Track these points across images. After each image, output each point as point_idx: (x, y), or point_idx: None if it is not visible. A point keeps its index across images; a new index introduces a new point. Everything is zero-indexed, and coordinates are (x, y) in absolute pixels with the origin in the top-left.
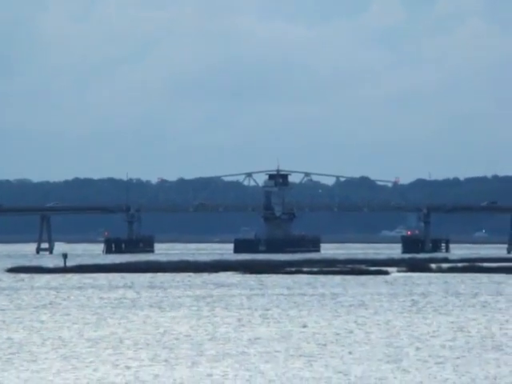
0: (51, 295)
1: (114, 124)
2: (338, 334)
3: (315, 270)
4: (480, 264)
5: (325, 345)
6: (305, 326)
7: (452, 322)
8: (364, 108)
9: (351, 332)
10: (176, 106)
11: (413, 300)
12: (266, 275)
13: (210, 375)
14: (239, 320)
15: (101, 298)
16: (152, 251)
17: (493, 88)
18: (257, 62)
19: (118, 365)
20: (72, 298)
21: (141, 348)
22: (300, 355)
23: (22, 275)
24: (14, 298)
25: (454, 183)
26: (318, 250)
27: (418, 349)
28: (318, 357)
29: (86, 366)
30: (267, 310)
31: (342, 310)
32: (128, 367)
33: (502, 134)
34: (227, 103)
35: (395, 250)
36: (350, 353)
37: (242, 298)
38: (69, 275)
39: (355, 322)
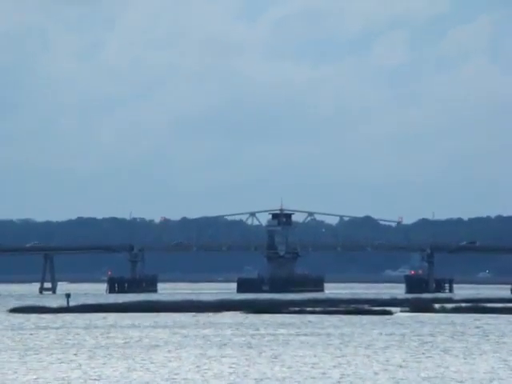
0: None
1: (116, 163)
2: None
3: (318, 309)
4: (484, 304)
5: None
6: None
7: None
8: (367, 147)
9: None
10: (179, 145)
11: (421, 340)
12: (270, 315)
13: None
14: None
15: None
16: (155, 291)
17: (496, 127)
18: (259, 101)
19: None
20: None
21: None
22: None
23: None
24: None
25: (458, 223)
26: (322, 290)
27: None
28: None
29: None
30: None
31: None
32: None
33: (506, 173)
34: (231, 143)
35: (399, 290)
36: None
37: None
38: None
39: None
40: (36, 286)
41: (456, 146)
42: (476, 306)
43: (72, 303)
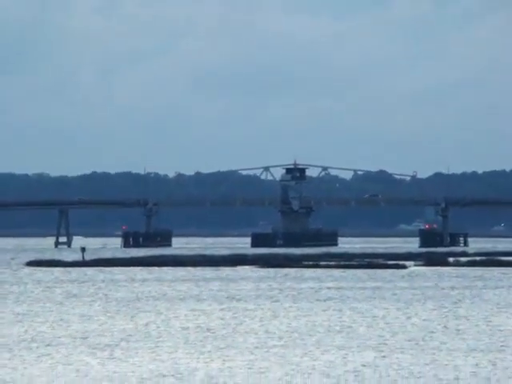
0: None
1: (132, 118)
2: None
3: (332, 263)
4: (499, 258)
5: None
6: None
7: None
8: (383, 102)
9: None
10: (195, 100)
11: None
12: (284, 269)
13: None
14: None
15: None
16: (170, 245)
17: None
18: (278, 56)
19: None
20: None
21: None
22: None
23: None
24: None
25: (473, 177)
26: (336, 244)
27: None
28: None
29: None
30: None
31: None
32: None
33: None
34: (246, 98)
35: (413, 244)
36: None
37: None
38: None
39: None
40: (51, 241)
41: (472, 100)
42: (491, 260)
43: (87, 257)
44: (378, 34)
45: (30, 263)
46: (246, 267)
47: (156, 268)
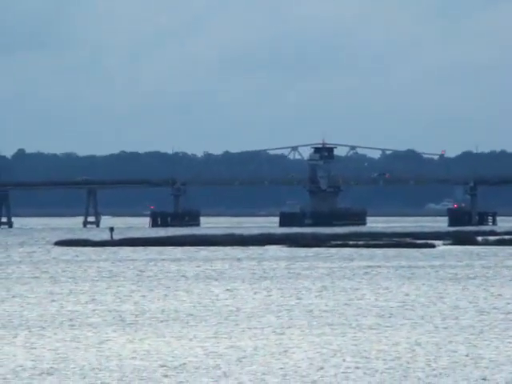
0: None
1: (161, 98)
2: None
3: (361, 243)
4: None
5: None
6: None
7: None
8: (410, 81)
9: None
10: (222, 81)
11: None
12: (314, 248)
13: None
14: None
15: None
16: (198, 225)
17: None
18: (304, 37)
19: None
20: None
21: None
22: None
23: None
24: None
25: (501, 156)
26: (364, 224)
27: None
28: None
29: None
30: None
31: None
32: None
33: None
34: (273, 78)
35: (441, 224)
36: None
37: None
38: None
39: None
40: (80, 220)
41: (501, 80)
42: None
43: (116, 237)
44: (403, 14)
45: (59, 243)
46: (274, 247)
47: (185, 247)
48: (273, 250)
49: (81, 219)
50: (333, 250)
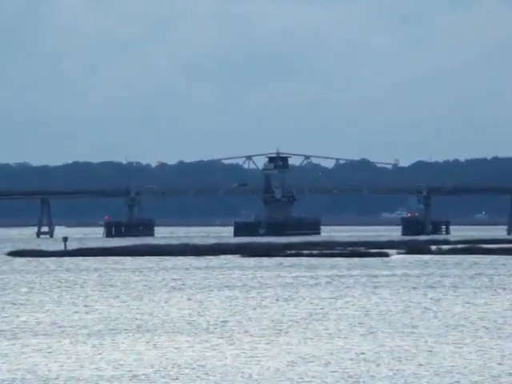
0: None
1: (115, 107)
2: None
3: (315, 252)
4: (480, 245)
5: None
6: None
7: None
8: (365, 90)
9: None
10: (177, 89)
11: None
12: (267, 258)
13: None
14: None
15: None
16: (152, 235)
17: (499, 70)
18: (263, 44)
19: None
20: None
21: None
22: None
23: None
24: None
25: (455, 165)
26: (319, 233)
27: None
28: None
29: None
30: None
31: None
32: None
33: (503, 115)
34: (228, 86)
35: (395, 233)
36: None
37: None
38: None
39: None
40: (33, 230)
41: (454, 88)
42: (472, 247)
43: (69, 247)
44: (363, 23)
45: (12, 253)
46: (229, 256)
47: (138, 258)
48: (228, 259)
49: (34, 230)
50: (292, 260)
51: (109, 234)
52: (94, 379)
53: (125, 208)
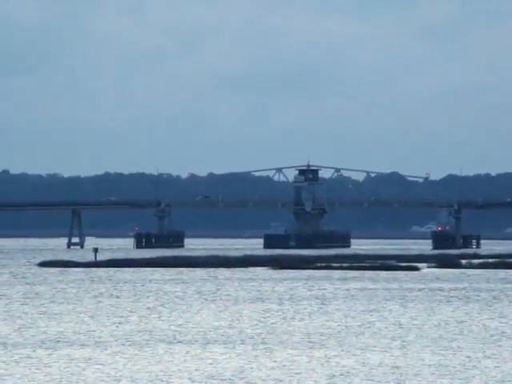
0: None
1: (146, 119)
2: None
3: (345, 265)
4: (511, 260)
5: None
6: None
7: None
8: (395, 103)
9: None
10: (209, 102)
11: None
12: (297, 270)
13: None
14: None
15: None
16: (182, 246)
17: None
18: (293, 58)
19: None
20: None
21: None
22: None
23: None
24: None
25: (486, 179)
26: (349, 246)
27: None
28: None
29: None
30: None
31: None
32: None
33: None
34: (259, 99)
35: (426, 246)
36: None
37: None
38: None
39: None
40: (64, 241)
41: (486, 102)
42: (503, 262)
43: (100, 258)
44: (391, 37)
45: (43, 263)
46: (259, 268)
47: (168, 269)
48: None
49: (65, 240)
50: (323, 272)
51: (139, 245)
52: None
53: (155, 219)
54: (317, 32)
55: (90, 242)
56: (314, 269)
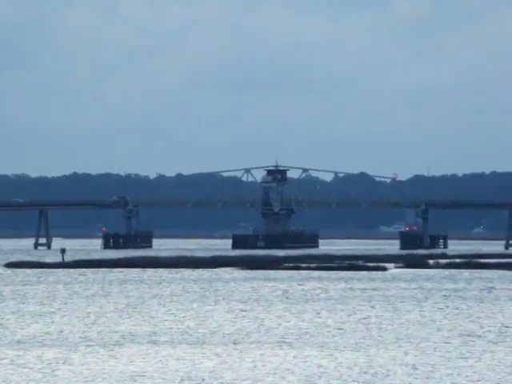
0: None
1: (115, 119)
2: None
3: (313, 265)
4: (478, 260)
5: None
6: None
7: None
8: (363, 104)
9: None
10: (177, 102)
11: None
12: (265, 271)
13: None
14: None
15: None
16: (150, 246)
17: (495, 84)
18: (265, 57)
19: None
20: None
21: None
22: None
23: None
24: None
25: (452, 179)
26: (317, 246)
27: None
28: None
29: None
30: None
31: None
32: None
33: (501, 129)
34: (227, 100)
35: (393, 246)
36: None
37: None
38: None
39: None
40: (31, 242)
41: (453, 104)
42: (470, 262)
43: (67, 258)
44: (364, 37)
45: (9, 264)
46: (227, 269)
47: (136, 269)
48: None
49: (32, 241)
50: (290, 272)
51: (107, 246)
52: None
53: (123, 220)
54: (291, 32)
55: (58, 242)
56: (282, 269)
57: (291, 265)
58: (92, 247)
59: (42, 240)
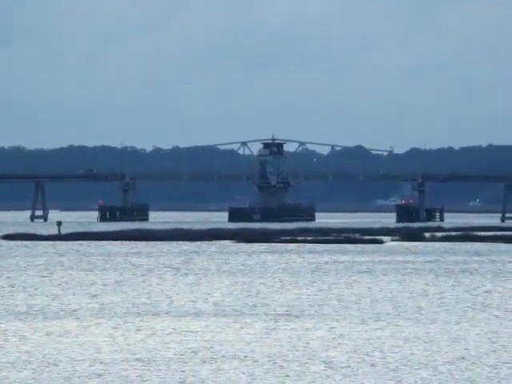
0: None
1: (112, 92)
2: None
3: (310, 238)
4: (474, 233)
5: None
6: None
7: None
8: (360, 78)
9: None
10: (173, 75)
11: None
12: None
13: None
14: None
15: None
16: (146, 219)
17: (492, 58)
18: (264, 31)
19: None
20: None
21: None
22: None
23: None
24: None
25: (449, 152)
26: (313, 219)
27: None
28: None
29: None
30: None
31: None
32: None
33: (499, 103)
34: (223, 74)
35: (390, 219)
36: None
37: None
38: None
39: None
40: (27, 214)
41: (450, 77)
42: (466, 235)
43: (63, 231)
44: (362, 12)
45: (5, 237)
46: (224, 242)
47: (132, 242)
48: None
49: (28, 213)
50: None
51: (103, 219)
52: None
53: (119, 193)
54: (289, 6)
55: (54, 215)
56: (278, 242)
57: (288, 238)
58: (88, 220)
59: (39, 212)
